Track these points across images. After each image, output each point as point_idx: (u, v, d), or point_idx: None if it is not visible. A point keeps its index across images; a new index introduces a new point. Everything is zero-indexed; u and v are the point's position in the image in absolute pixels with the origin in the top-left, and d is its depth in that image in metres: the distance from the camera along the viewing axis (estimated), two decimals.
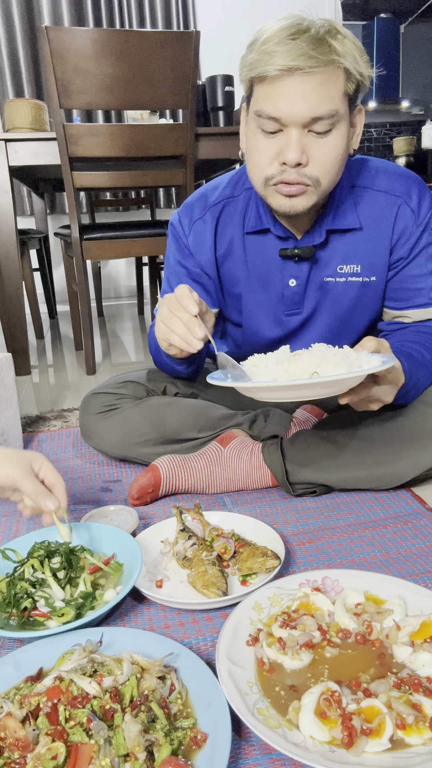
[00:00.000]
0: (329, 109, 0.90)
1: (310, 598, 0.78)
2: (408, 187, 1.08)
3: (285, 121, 0.91)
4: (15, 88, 3.63)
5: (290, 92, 0.89)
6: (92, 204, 3.55)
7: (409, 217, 1.07)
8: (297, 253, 1.08)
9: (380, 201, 1.08)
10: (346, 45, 0.89)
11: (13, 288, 2.18)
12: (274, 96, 0.90)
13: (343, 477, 1.09)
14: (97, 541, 0.93)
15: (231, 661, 0.67)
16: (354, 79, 0.92)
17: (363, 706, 0.60)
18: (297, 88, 0.88)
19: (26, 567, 0.85)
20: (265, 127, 0.93)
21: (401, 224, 1.08)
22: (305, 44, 0.86)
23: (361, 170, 1.10)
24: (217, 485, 1.14)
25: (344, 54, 0.88)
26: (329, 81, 0.89)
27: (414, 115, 4.84)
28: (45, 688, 0.62)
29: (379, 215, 1.08)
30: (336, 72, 0.89)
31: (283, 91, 0.89)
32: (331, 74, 0.89)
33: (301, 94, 0.89)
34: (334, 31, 0.89)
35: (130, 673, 0.64)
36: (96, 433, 1.25)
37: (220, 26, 3.87)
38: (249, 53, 0.92)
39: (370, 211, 1.09)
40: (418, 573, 0.88)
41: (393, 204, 1.08)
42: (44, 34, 1.81)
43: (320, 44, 0.87)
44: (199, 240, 1.15)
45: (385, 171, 1.10)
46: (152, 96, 1.98)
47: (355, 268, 1.11)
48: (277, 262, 1.12)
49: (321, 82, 0.88)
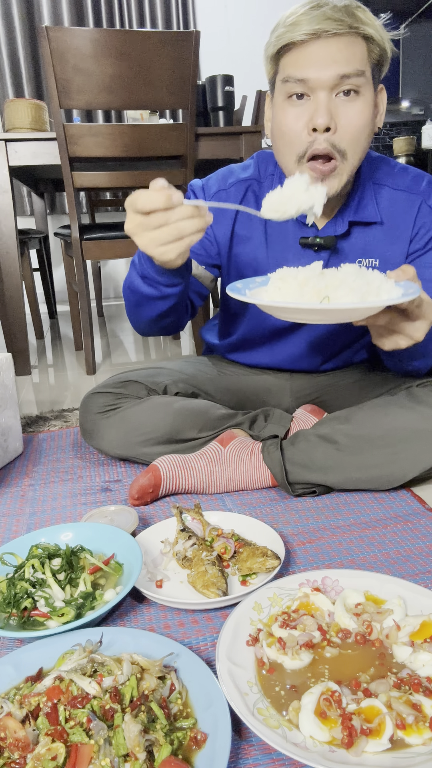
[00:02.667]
0: (356, 68, 0.93)
1: (310, 598, 0.77)
2: (428, 186, 1.12)
3: (312, 83, 0.94)
4: (15, 88, 3.63)
5: (317, 55, 0.93)
6: (92, 204, 3.55)
7: (428, 213, 1.11)
8: (319, 242, 1.09)
9: (401, 198, 1.12)
10: (368, 15, 0.94)
11: (13, 288, 2.18)
12: (301, 60, 0.94)
13: (343, 477, 1.09)
14: (97, 541, 0.93)
15: (231, 661, 0.67)
16: (377, 49, 0.95)
17: (363, 706, 0.60)
18: (324, 50, 0.92)
19: (26, 567, 0.85)
20: (293, 90, 0.96)
21: (421, 221, 1.12)
22: (329, 10, 0.91)
23: (382, 168, 1.13)
24: (217, 485, 1.14)
25: (367, 22, 0.93)
26: (354, 45, 0.93)
27: (414, 115, 4.84)
28: (45, 688, 0.62)
29: (399, 212, 1.12)
30: (359, 39, 0.93)
31: (310, 54, 0.93)
32: (355, 39, 0.93)
33: (328, 55, 0.92)
34: (356, 4, 0.94)
35: (130, 673, 0.64)
36: (96, 432, 1.25)
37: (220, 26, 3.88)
38: (274, 32, 0.96)
39: (391, 207, 1.12)
40: (418, 573, 0.88)
41: (414, 201, 1.11)
42: (44, 34, 1.81)
43: (343, 11, 0.91)
44: (220, 210, 1.15)
45: (405, 171, 1.14)
46: (152, 96, 1.98)
47: (374, 262, 1.13)
48: (297, 250, 1.13)
49: (346, 44, 0.92)
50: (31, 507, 1.15)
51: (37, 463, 1.36)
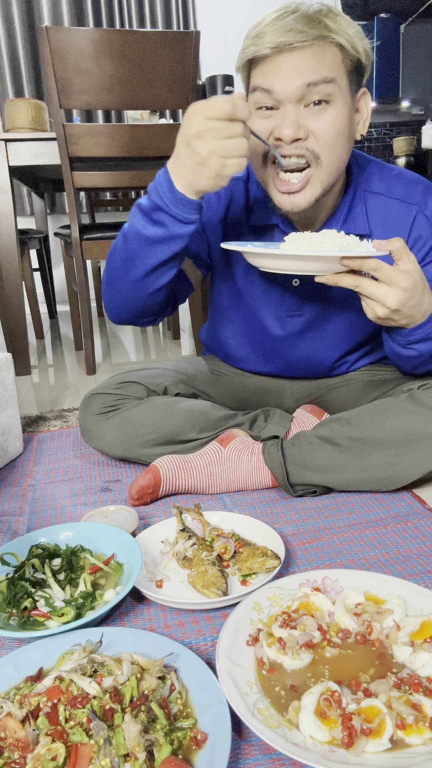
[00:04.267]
0: (323, 76, 0.90)
1: (310, 598, 0.77)
2: (424, 194, 1.08)
3: (279, 96, 0.92)
4: (15, 88, 3.63)
5: (282, 67, 0.90)
6: (92, 204, 3.55)
7: (425, 225, 1.08)
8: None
9: (395, 208, 1.08)
10: (339, 23, 0.90)
11: (13, 288, 2.18)
12: (267, 72, 0.92)
13: (344, 479, 1.09)
14: (97, 541, 0.93)
15: (231, 661, 0.67)
16: (350, 56, 0.92)
17: (363, 706, 0.60)
18: (288, 63, 0.90)
19: (26, 567, 0.85)
20: (261, 101, 0.94)
21: (416, 232, 1.08)
22: (294, 21, 0.88)
23: (375, 175, 1.10)
24: (217, 485, 1.14)
25: (337, 30, 0.89)
26: (322, 54, 0.90)
27: (414, 115, 4.84)
28: (45, 688, 0.62)
29: (393, 223, 1.08)
30: (328, 47, 0.90)
31: (275, 67, 0.91)
32: (324, 48, 0.90)
33: (293, 68, 0.90)
34: (326, 10, 0.90)
35: (130, 673, 0.64)
36: (96, 433, 1.25)
37: (220, 26, 3.88)
38: (244, 42, 0.95)
39: (384, 218, 1.08)
40: (418, 573, 0.88)
41: (409, 212, 1.08)
42: (44, 34, 1.81)
43: (309, 20, 0.88)
44: (209, 207, 1.15)
45: (400, 178, 1.09)
46: (152, 96, 1.98)
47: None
48: None
49: (313, 54, 0.89)
50: (31, 507, 1.15)
51: (37, 463, 1.36)
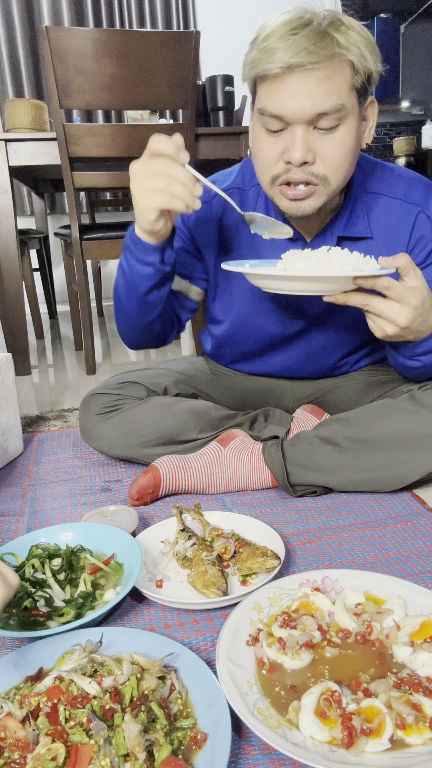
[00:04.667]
0: (334, 104, 0.88)
1: (310, 598, 0.77)
2: (425, 194, 1.07)
3: (289, 119, 0.89)
4: (15, 88, 3.63)
5: (292, 90, 0.87)
6: (92, 204, 3.55)
7: (427, 225, 1.07)
8: None
9: (397, 209, 1.07)
10: (350, 37, 0.87)
11: (13, 288, 2.18)
12: (276, 94, 0.89)
13: (345, 479, 1.09)
14: (97, 541, 0.93)
15: (231, 661, 0.67)
16: (361, 72, 0.89)
17: (363, 706, 0.60)
18: (299, 84, 0.87)
19: (26, 567, 0.85)
20: (269, 125, 0.92)
21: (418, 233, 1.08)
22: (306, 39, 0.84)
23: (376, 175, 1.09)
24: (217, 485, 1.14)
25: (348, 46, 0.86)
26: (333, 75, 0.87)
27: (414, 115, 4.84)
28: (45, 688, 0.62)
29: (395, 223, 1.07)
30: (340, 65, 0.87)
31: (285, 88, 0.88)
32: (336, 68, 0.87)
33: (304, 90, 0.87)
34: (338, 23, 0.86)
35: (130, 673, 0.64)
36: (96, 433, 1.24)
37: (220, 26, 3.87)
38: (251, 51, 0.91)
39: (385, 218, 1.08)
40: (418, 573, 0.88)
41: (411, 212, 1.07)
42: (44, 34, 1.81)
43: (322, 38, 0.84)
44: (203, 220, 1.14)
45: (401, 177, 1.09)
46: (152, 96, 1.97)
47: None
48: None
49: (324, 77, 0.86)
50: (31, 507, 1.15)
51: (37, 463, 1.36)
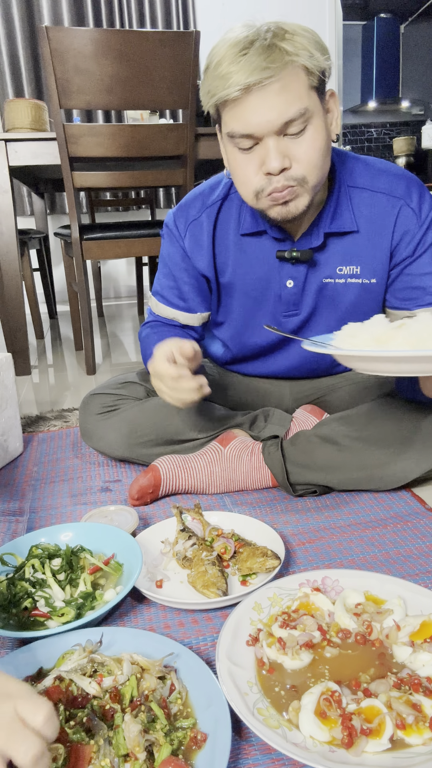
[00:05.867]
0: (298, 110, 0.89)
1: (310, 598, 0.78)
2: (408, 187, 1.07)
3: (258, 135, 0.91)
4: (15, 88, 3.63)
5: (256, 107, 0.89)
6: (92, 204, 3.54)
7: (411, 217, 1.07)
8: (295, 256, 1.08)
9: (381, 202, 1.07)
10: (296, 42, 0.88)
11: (13, 288, 2.18)
12: (241, 115, 0.90)
13: (344, 478, 1.09)
14: (97, 541, 0.93)
15: (231, 661, 0.67)
16: (315, 71, 0.91)
17: (363, 706, 0.60)
18: (261, 101, 0.88)
19: (26, 567, 0.85)
20: (241, 145, 0.94)
21: (403, 226, 1.07)
22: (256, 56, 0.86)
23: (359, 171, 1.09)
24: (217, 485, 1.14)
25: (297, 52, 0.88)
26: (290, 83, 0.89)
27: (414, 115, 4.84)
28: (45, 688, 0.62)
29: (379, 216, 1.08)
30: (294, 72, 0.89)
31: (248, 108, 0.89)
32: (290, 76, 0.88)
33: (267, 105, 0.88)
34: (281, 33, 0.88)
35: (130, 673, 0.64)
36: (96, 433, 1.24)
37: (219, 26, 3.87)
38: (206, 80, 0.92)
39: (370, 212, 1.08)
40: (418, 573, 0.88)
41: (394, 205, 1.07)
42: (44, 34, 1.81)
43: (271, 51, 0.86)
44: (196, 243, 1.14)
45: (383, 172, 1.09)
46: (152, 96, 1.97)
47: (355, 269, 1.10)
48: (274, 264, 1.12)
49: (282, 87, 0.88)
50: (31, 507, 1.15)
51: (37, 463, 1.36)
